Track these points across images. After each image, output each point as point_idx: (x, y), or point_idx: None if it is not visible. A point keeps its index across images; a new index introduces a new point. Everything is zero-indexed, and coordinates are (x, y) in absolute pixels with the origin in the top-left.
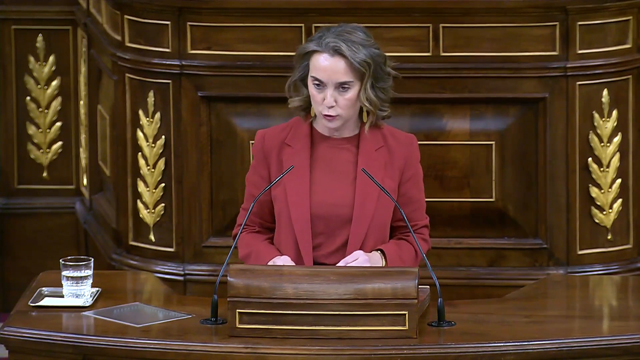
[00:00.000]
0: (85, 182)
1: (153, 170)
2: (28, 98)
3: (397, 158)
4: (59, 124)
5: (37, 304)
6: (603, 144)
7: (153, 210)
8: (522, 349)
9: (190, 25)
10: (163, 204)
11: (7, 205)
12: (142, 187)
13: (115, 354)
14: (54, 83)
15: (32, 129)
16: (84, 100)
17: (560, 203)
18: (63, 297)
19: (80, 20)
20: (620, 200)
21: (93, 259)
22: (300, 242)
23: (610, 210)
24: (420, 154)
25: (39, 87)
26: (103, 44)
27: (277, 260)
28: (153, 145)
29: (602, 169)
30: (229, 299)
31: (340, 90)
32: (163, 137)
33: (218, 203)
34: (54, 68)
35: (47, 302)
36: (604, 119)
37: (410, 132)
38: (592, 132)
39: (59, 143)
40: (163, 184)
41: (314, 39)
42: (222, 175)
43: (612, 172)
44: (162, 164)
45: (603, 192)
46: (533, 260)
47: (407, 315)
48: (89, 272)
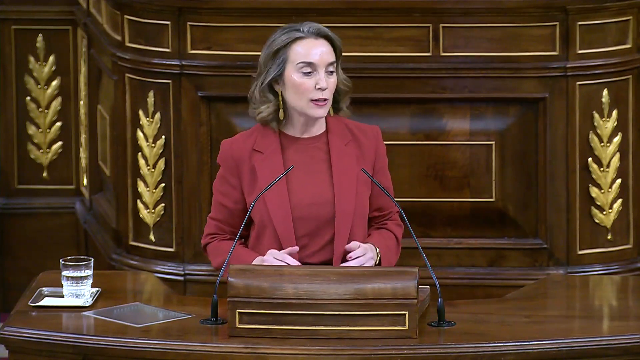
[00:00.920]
0: (85, 182)
1: (153, 170)
2: (28, 98)
3: (366, 150)
4: (59, 124)
5: (37, 304)
6: (603, 144)
7: (153, 210)
8: (522, 349)
9: (190, 25)
10: (163, 204)
11: (7, 205)
12: (142, 187)
13: (115, 354)
14: (54, 83)
15: (32, 129)
16: (84, 100)
17: (560, 203)
18: (63, 297)
19: (80, 20)
20: (620, 200)
21: (93, 259)
22: (285, 246)
23: (610, 210)
24: (420, 154)
25: (39, 87)
26: (103, 44)
27: (266, 259)
28: (153, 145)
29: (602, 169)
30: (229, 299)
31: (327, 74)
32: (163, 137)
33: None
34: (54, 68)
35: (47, 302)
36: (604, 119)
37: (410, 132)
38: (592, 132)
39: (59, 143)
40: (163, 184)
41: (285, 32)
42: None
43: (612, 172)
44: (162, 164)
45: (603, 192)
46: (533, 260)
47: (407, 315)
48: (89, 272)
